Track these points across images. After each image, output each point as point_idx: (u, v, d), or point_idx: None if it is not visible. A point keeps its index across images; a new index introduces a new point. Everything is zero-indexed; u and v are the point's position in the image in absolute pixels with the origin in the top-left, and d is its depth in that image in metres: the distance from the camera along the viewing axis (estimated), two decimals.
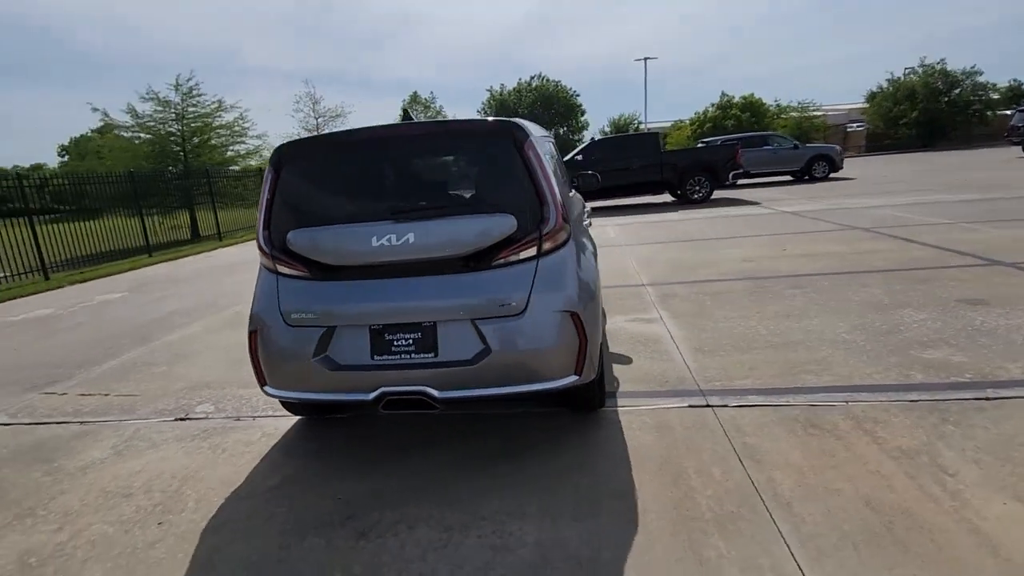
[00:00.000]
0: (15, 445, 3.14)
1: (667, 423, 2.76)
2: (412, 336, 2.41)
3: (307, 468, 2.67)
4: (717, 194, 14.96)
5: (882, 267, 5.50)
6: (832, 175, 17.84)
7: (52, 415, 3.53)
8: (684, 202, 14.03)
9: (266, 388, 2.61)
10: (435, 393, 2.35)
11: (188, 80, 15.93)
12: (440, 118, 37.94)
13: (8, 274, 9.62)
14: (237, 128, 16.98)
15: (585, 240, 2.88)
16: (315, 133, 27.64)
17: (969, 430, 2.45)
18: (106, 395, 3.81)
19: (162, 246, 13.61)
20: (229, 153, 17.79)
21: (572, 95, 42.58)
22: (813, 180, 17.60)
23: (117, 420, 3.37)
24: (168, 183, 15.47)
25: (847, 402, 2.81)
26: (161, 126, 16.06)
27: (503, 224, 2.35)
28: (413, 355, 2.40)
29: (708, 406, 2.89)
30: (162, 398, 3.66)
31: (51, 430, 3.30)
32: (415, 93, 37.72)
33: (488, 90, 42.77)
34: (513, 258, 2.38)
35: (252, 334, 2.58)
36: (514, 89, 42.29)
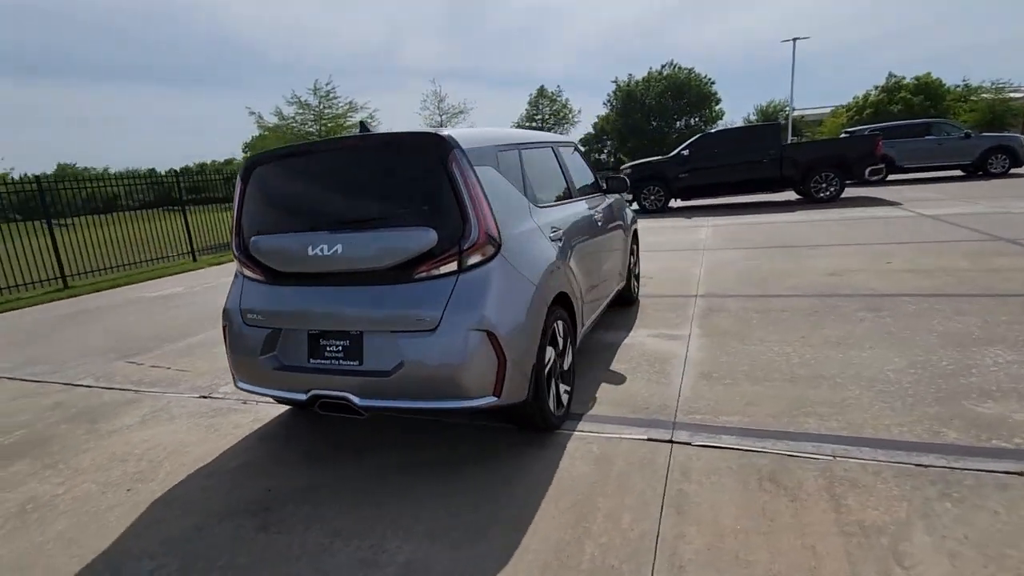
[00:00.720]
0: (83, 405, 3.79)
1: (612, 455, 2.55)
2: (342, 343, 2.49)
3: (268, 455, 2.88)
4: (855, 192, 13.25)
5: (1001, 291, 4.50)
6: (1014, 171, 14.82)
7: (122, 382, 4.19)
8: (810, 201, 12.54)
9: (238, 383, 2.86)
10: (356, 400, 2.42)
11: (326, 84, 17.70)
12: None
13: (171, 255, 11.52)
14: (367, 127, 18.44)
15: (544, 255, 2.72)
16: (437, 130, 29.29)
17: (971, 512, 1.95)
18: (168, 368, 4.43)
19: None
20: None
21: (706, 83, 39.84)
22: (989, 176, 14.77)
23: (160, 392, 3.91)
24: None
25: (834, 456, 2.37)
26: (301, 127, 18.04)
27: (423, 238, 2.33)
28: (341, 361, 2.49)
29: (669, 441, 2.62)
30: (203, 376, 4.17)
31: (112, 395, 3.93)
32: (542, 87, 38.29)
33: (614, 81, 41.67)
34: (434, 272, 2.35)
35: (223, 328, 2.85)
36: (643, 79, 40.70)
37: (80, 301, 8.05)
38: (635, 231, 5.10)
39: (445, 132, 2.40)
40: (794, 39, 30.82)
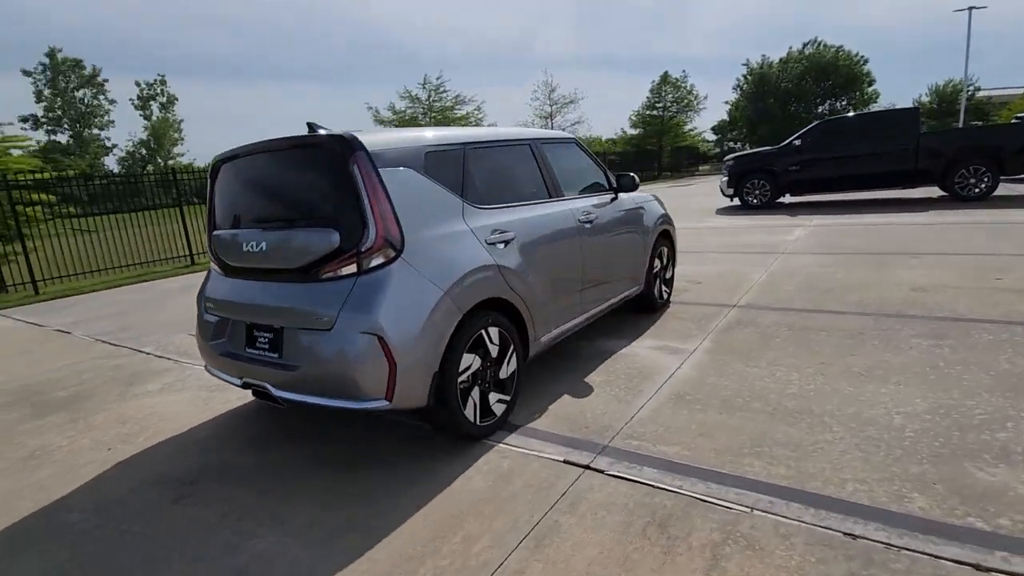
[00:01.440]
0: (132, 370, 4.39)
1: (514, 473, 2.42)
2: (268, 336, 2.63)
3: (232, 432, 3.13)
4: (1014, 189, 11.07)
5: None
6: None
7: (171, 352, 4.78)
8: (954, 199, 10.64)
9: (205, 365, 3.13)
10: (272, 391, 2.54)
11: (436, 79, 18.53)
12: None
13: None
14: (472, 119, 19.05)
15: (466, 259, 2.59)
16: (548, 120, 29.36)
17: None
18: None
19: None
20: None
21: (857, 62, 35.19)
22: None
23: (191, 364, 4.40)
24: None
25: (752, 509, 2.04)
26: (411, 120, 19.07)
27: (325, 239, 2.37)
28: (267, 353, 2.62)
29: (584, 466, 2.43)
30: None
31: (158, 363, 4.50)
32: (665, 73, 36.35)
33: (744, 64, 38.35)
34: (338, 273, 2.38)
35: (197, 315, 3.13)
36: (780, 60, 37.01)
37: (195, 277, 9.28)
38: (666, 231, 4.72)
39: (351, 134, 2.40)
40: (969, 8, 26.17)
